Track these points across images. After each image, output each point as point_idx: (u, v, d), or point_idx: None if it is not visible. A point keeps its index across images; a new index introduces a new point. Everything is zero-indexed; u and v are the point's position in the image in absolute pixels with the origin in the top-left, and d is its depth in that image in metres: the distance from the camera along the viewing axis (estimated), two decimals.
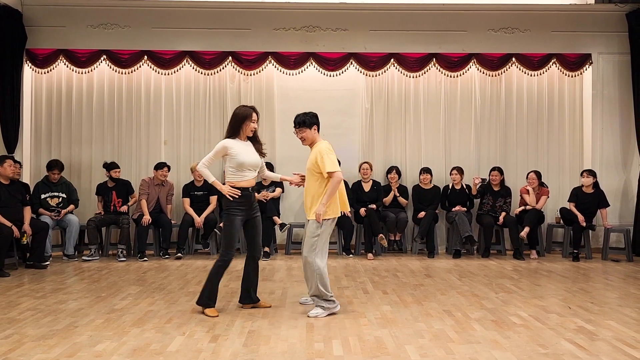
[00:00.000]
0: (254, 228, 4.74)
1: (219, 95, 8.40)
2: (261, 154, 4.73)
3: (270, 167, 8.01)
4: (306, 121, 4.68)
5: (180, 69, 8.27)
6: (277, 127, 8.37)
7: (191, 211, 7.62)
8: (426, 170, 8.07)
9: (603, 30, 8.27)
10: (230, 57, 8.23)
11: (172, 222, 7.72)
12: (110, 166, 7.61)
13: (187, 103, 8.38)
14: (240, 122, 4.58)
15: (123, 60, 8.17)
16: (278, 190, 7.88)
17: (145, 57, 8.18)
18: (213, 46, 8.22)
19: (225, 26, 8.23)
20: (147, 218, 7.38)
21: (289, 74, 8.30)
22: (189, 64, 8.23)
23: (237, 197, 4.53)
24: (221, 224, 7.50)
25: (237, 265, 6.95)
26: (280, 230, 7.65)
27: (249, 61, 8.24)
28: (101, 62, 8.18)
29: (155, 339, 3.87)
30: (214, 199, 7.77)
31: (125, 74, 8.27)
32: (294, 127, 4.74)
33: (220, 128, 8.35)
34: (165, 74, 8.29)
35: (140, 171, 8.25)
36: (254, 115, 4.62)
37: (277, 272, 6.50)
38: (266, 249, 7.46)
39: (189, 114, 8.38)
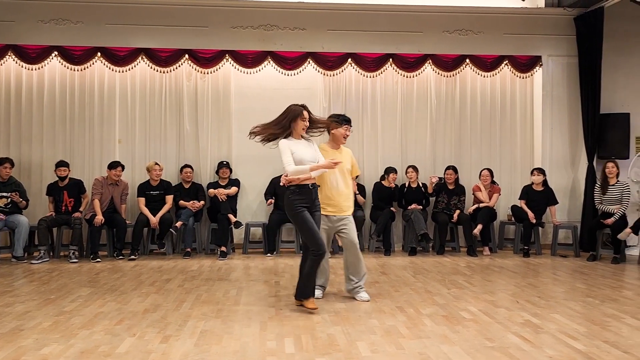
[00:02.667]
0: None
1: (175, 94, 8.29)
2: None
3: (226, 165, 7.96)
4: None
5: (135, 66, 8.12)
6: (234, 125, 8.31)
7: (146, 211, 7.51)
8: (393, 170, 8.11)
9: (552, 33, 8.55)
10: (186, 55, 8.13)
11: (127, 222, 7.58)
12: (56, 164, 7.41)
13: (142, 101, 8.24)
14: (290, 120, 4.59)
15: (75, 56, 7.97)
16: (234, 188, 7.85)
17: (99, 53, 8.00)
18: (169, 43, 8.11)
19: (182, 23, 8.13)
20: (99, 218, 7.22)
21: (247, 73, 8.26)
22: (144, 61, 8.09)
23: (338, 163, 4.57)
24: (177, 224, 7.50)
25: (193, 265, 6.91)
26: (235, 228, 7.62)
27: (206, 59, 8.16)
28: (52, 58, 7.96)
29: (104, 341, 3.80)
30: (169, 199, 7.69)
31: (77, 70, 8.06)
32: (349, 124, 5.03)
33: (177, 126, 8.27)
34: (119, 71, 8.12)
35: (94, 170, 8.06)
36: (305, 113, 4.64)
37: (233, 272, 6.47)
38: (223, 248, 7.41)
39: (144, 112, 8.24)
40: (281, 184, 4.69)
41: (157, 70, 8.16)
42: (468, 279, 6.06)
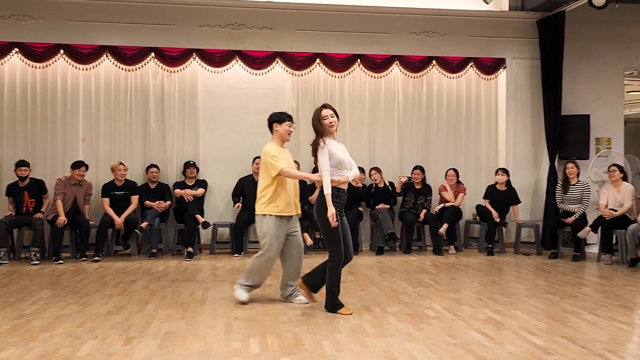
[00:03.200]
0: (345, 229, 4.65)
1: (141, 92, 8.16)
2: None
3: (193, 165, 7.89)
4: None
5: (99, 64, 7.96)
6: (201, 125, 8.24)
7: (111, 211, 7.37)
8: (360, 170, 8.15)
9: (516, 36, 8.72)
10: (152, 53, 8.02)
11: (91, 222, 7.43)
12: (16, 164, 7.22)
13: (106, 100, 8.08)
14: (316, 123, 4.57)
15: (37, 53, 7.77)
16: (200, 190, 7.78)
17: (62, 50, 7.81)
18: (135, 41, 7.97)
19: (148, 21, 8.00)
20: (62, 219, 7.06)
21: (214, 72, 8.19)
22: (108, 59, 7.94)
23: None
24: (142, 225, 7.38)
25: (159, 266, 6.82)
26: (204, 229, 7.56)
27: (173, 58, 8.06)
28: (13, 55, 7.74)
29: (64, 344, 3.72)
30: (135, 199, 7.57)
31: (39, 68, 7.86)
32: (292, 121, 4.95)
33: (142, 126, 8.14)
34: (83, 69, 7.95)
35: (56, 170, 7.86)
36: (325, 110, 4.58)
37: (200, 272, 6.41)
38: (189, 249, 7.34)
39: (109, 111, 8.09)
40: (318, 185, 4.63)
41: (122, 69, 8.02)
42: (434, 278, 6.15)
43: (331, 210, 4.40)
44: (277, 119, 4.88)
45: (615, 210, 7.28)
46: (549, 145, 8.53)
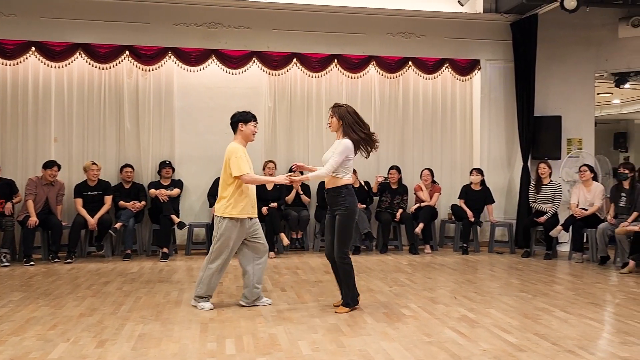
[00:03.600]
0: (326, 227, 4.87)
1: (115, 91, 8.04)
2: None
3: (169, 165, 7.81)
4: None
5: (72, 62, 7.81)
6: (177, 124, 8.16)
7: (84, 212, 7.26)
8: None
9: (490, 38, 8.84)
10: (127, 52, 7.90)
11: (63, 223, 7.30)
12: None
13: (80, 98, 7.94)
14: None
15: (7, 51, 7.59)
16: (176, 190, 7.71)
17: (33, 48, 7.65)
18: (109, 39, 7.85)
19: (122, 19, 7.88)
20: (33, 219, 6.92)
21: (190, 71, 8.12)
22: (81, 57, 7.80)
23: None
24: (116, 225, 7.29)
25: (133, 267, 6.74)
26: (179, 229, 7.50)
27: (148, 56, 7.97)
28: None
29: (35, 347, 3.65)
30: (108, 199, 7.46)
31: (10, 65, 7.69)
32: (256, 121, 4.94)
33: (117, 125, 8.03)
34: (55, 67, 7.80)
35: (27, 170, 7.69)
36: (329, 111, 4.90)
37: (175, 273, 6.35)
38: (164, 249, 7.26)
39: (82, 109, 7.95)
40: (296, 186, 4.79)
41: (95, 67, 7.89)
42: (409, 277, 6.20)
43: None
44: (243, 118, 4.77)
45: (586, 210, 7.43)
46: (522, 145, 8.66)
